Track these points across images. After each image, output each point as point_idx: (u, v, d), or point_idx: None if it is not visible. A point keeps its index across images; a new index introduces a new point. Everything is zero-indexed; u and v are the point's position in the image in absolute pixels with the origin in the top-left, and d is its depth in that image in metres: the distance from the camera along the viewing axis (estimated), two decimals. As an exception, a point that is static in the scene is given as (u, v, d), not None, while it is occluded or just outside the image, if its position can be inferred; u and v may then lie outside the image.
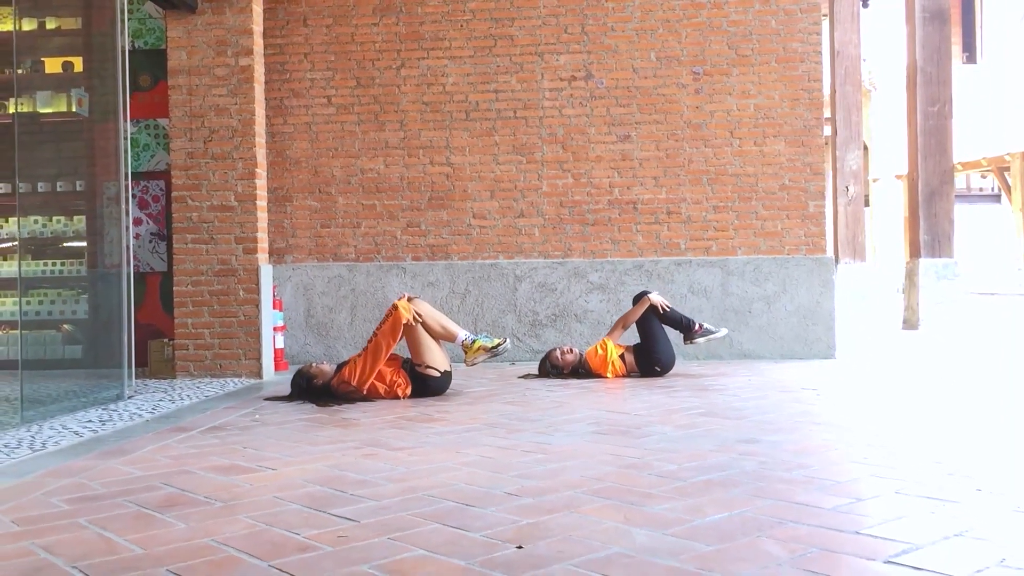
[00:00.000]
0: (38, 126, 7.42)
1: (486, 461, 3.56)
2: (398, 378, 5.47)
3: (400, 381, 5.47)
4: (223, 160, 6.63)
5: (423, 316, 5.47)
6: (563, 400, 5.29)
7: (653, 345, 6.30)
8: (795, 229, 7.44)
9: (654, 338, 6.32)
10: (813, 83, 7.42)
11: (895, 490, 2.96)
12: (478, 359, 5.59)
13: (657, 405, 5.00)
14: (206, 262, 6.64)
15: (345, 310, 7.54)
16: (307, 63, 7.63)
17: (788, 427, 4.24)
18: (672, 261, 7.44)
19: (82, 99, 6.27)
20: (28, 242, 7.49)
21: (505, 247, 7.56)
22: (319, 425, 4.55)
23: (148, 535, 2.61)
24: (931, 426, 4.27)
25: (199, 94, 6.63)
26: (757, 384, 5.83)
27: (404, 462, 3.58)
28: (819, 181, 7.42)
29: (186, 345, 6.64)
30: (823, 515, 2.67)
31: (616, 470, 3.34)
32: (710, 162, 7.47)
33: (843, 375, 6.39)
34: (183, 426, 4.60)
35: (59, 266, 7.48)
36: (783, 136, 7.43)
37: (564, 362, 6.36)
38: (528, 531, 2.57)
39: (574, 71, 7.54)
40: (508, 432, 4.23)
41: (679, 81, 7.48)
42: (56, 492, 3.18)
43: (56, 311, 7.47)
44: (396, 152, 7.61)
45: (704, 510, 2.75)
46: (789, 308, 7.37)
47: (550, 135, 7.54)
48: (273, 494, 3.07)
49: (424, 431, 4.30)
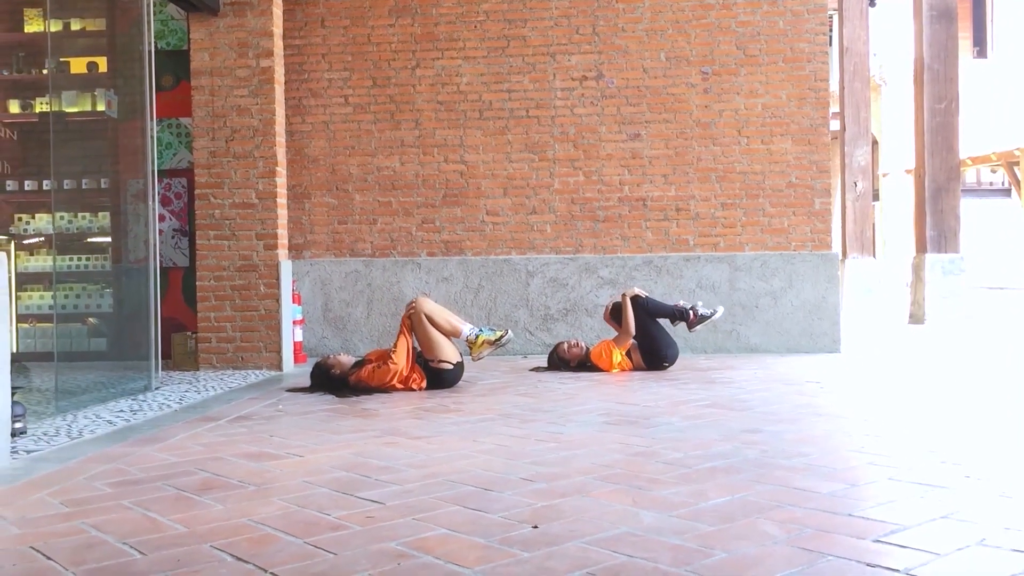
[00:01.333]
0: (63, 125, 7.64)
1: (502, 449, 3.75)
2: (413, 373, 5.67)
3: (415, 376, 5.67)
4: (244, 159, 6.84)
5: (432, 315, 5.68)
6: (574, 392, 5.48)
7: (656, 345, 6.47)
8: (801, 226, 7.60)
9: (655, 338, 6.48)
10: (820, 82, 7.57)
11: (888, 477, 3.14)
12: (483, 353, 5.79)
13: (665, 397, 5.18)
14: (228, 258, 6.85)
15: (362, 304, 7.74)
16: (325, 63, 7.82)
17: (790, 418, 4.42)
18: (681, 257, 7.61)
19: (111, 101, 6.47)
20: (56, 238, 7.72)
21: (518, 243, 7.74)
22: (340, 415, 4.75)
23: (190, 515, 2.82)
24: (928, 418, 4.44)
25: (221, 95, 6.83)
26: (763, 377, 6.01)
27: (424, 450, 3.77)
28: (825, 179, 7.58)
29: (209, 338, 6.85)
30: (819, 499, 2.85)
31: (625, 458, 3.53)
32: (718, 160, 7.64)
33: (847, 369, 6.55)
34: (210, 415, 4.81)
35: (85, 261, 7.71)
36: (790, 135, 7.59)
37: (571, 355, 6.54)
38: (542, 512, 2.76)
39: (585, 71, 7.71)
40: (522, 422, 4.42)
41: (688, 81, 7.65)
42: (99, 476, 3.39)
43: (82, 305, 7.71)
44: (411, 150, 7.80)
45: (707, 494, 2.93)
46: (795, 303, 7.54)
47: (562, 133, 7.72)
48: (302, 479, 3.27)
49: (441, 421, 4.50)
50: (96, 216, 7.69)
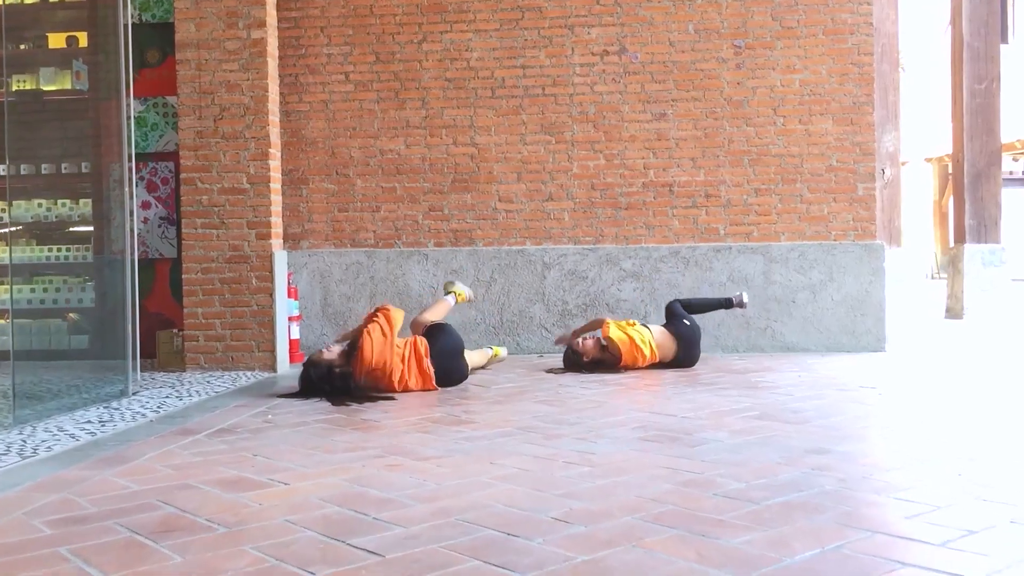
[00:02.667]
0: (40, 104, 7.05)
1: (525, 475, 3.16)
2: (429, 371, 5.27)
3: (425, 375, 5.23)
4: (234, 140, 6.23)
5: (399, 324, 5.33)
6: (600, 399, 4.88)
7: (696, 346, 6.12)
8: (843, 213, 6.97)
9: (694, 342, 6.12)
10: (863, 57, 6.93)
11: (1010, 519, 2.53)
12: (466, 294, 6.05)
13: (704, 406, 4.57)
14: (217, 248, 6.25)
15: (364, 298, 7.14)
16: (323, 37, 7.21)
17: (856, 434, 3.81)
18: (710, 247, 7.00)
19: (80, 72, 5.86)
20: (32, 227, 7.13)
21: (533, 232, 7.14)
22: (337, 428, 4.16)
23: (137, 572, 2.22)
24: (1017, 433, 3.83)
25: (209, 69, 6.22)
26: (809, 381, 5.39)
27: (432, 475, 3.18)
28: (869, 162, 6.95)
29: (196, 336, 6.26)
30: (935, 554, 2.25)
31: (675, 488, 2.93)
32: (752, 142, 7.01)
33: (898, 370, 5.94)
34: (189, 428, 4.22)
35: (64, 252, 7.13)
36: (831, 114, 6.95)
37: (584, 348, 5.95)
38: (586, 572, 2.16)
39: (607, 45, 7.09)
40: (545, 438, 3.82)
41: (719, 55, 7.02)
42: (40, 511, 2.80)
43: (62, 299, 7.13)
44: (417, 132, 7.19)
45: (790, 544, 2.33)
46: (836, 298, 6.92)
47: (581, 113, 7.10)
48: (285, 516, 2.68)
49: (452, 436, 3.90)
50: (77, 203, 7.10)
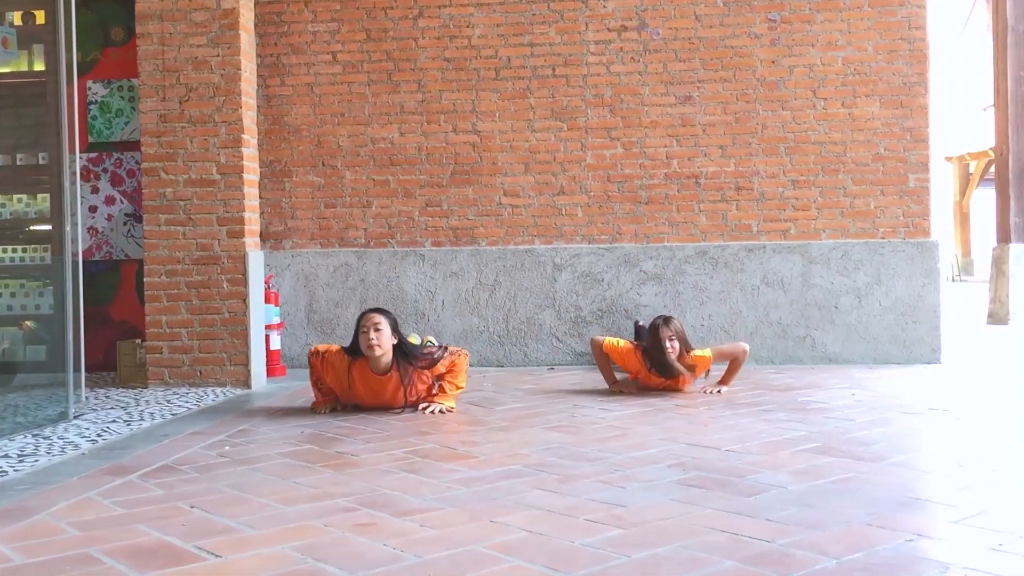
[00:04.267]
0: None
1: (535, 542, 2.39)
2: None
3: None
4: (203, 124, 5.49)
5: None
6: (623, 425, 4.10)
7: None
8: (892, 208, 6.20)
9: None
10: (915, 31, 6.16)
11: None
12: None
13: (751, 435, 3.79)
14: (183, 248, 5.50)
15: (353, 304, 6.38)
16: (308, 13, 6.46)
17: (956, 479, 3.03)
18: (742, 246, 6.23)
19: (7, 37, 5.10)
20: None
21: (542, 230, 6.37)
22: (304, 465, 3.39)
23: None
24: None
25: (173, 44, 5.48)
26: (866, 402, 4.61)
27: (414, 540, 2.41)
28: (922, 149, 6.18)
29: (159, 348, 5.51)
30: None
31: (742, 567, 2.16)
32: (788, 128, 6.24)
33: (962, 387, 5.17)
34: (125, 464, 3.46)
35: (20, 253, 6.41)
36: (877, 96, 6.18)
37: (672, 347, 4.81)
38: None
39: (624, 20, 6.32)
40: (560, 481, 3.05)
41: (751, 31, 6.25)
42: None
43: (17, 305, 6.40)
44: (413, 118, 6.43)
45: None
46: (884, 303, 6.14)
47: (596, 97, 6.33)
48: (201, 614, 1.92)
49: (444, 477, 3.13)
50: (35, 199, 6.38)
